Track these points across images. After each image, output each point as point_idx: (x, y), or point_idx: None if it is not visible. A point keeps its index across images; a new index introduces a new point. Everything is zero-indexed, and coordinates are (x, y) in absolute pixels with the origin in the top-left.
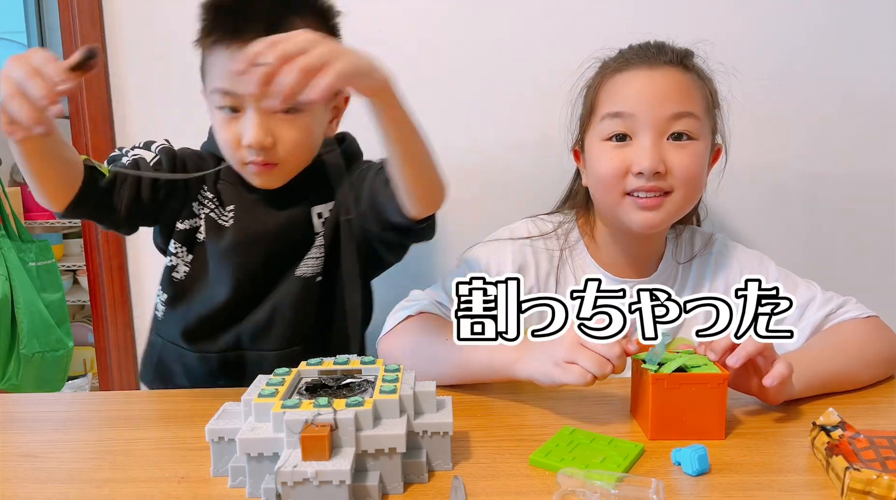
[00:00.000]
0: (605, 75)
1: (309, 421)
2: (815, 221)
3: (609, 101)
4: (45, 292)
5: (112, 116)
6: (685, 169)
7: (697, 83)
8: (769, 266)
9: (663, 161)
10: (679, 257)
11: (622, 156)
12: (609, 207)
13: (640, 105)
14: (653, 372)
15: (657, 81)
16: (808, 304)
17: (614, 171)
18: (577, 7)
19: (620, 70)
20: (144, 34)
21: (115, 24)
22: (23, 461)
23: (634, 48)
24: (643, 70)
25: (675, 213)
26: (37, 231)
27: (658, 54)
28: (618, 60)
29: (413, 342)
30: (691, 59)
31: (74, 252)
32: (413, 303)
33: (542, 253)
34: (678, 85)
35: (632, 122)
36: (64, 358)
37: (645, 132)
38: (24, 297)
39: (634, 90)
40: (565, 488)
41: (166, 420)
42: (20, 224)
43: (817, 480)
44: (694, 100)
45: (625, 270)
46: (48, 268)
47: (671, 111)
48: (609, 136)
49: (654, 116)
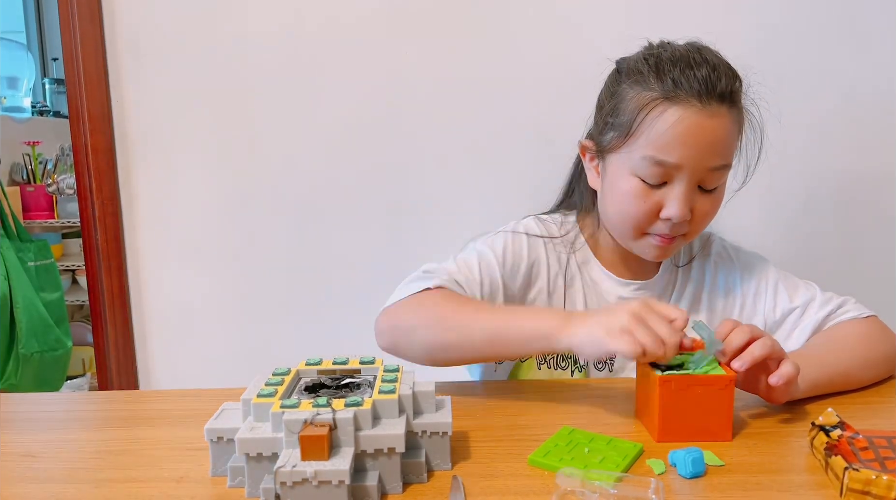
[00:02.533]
0: (651, 100)
1: (308, 421)
2: (814, 221)
3: (654, 142)
4: (44, 291)
5: (112, 116)
6: (703, 215)
7: (740, 121)
8: (768, 268)
9: (691, 209)
10: (677, 260)
11: (655, 199)
12: (624, 238)
13: (686, 156)
14: (659, 374)
15: (708, 130)
16: (808, 304)
17: (645, 213)
18: (579, 6)
19: (670, 101)
20: (144, 34)
21: (115, 24)
22: (21, 461)
23: (679, 66)
24: (695, 110)
25: (681, 246)
26: (36, 231)
27: (710, 86)
28: (662, 81)
29: (436, 313)
30: (740, 91)
31: (73, 252)
32: (430, 276)
33: (552, 253)
34: (725, 133)
35: (673, 170)
36: (63, 358)
37: (682, 180)
38: (22, 296)
39: (684, 139)
40: (564, 488)
41: (165, 420)
42: (19, 224)
43: (817, 480)
44: (733, 147)
45: (627, 272)
46: (47, 268)
47: (713, 164)
48: (645, 177)
49: (696, 167)
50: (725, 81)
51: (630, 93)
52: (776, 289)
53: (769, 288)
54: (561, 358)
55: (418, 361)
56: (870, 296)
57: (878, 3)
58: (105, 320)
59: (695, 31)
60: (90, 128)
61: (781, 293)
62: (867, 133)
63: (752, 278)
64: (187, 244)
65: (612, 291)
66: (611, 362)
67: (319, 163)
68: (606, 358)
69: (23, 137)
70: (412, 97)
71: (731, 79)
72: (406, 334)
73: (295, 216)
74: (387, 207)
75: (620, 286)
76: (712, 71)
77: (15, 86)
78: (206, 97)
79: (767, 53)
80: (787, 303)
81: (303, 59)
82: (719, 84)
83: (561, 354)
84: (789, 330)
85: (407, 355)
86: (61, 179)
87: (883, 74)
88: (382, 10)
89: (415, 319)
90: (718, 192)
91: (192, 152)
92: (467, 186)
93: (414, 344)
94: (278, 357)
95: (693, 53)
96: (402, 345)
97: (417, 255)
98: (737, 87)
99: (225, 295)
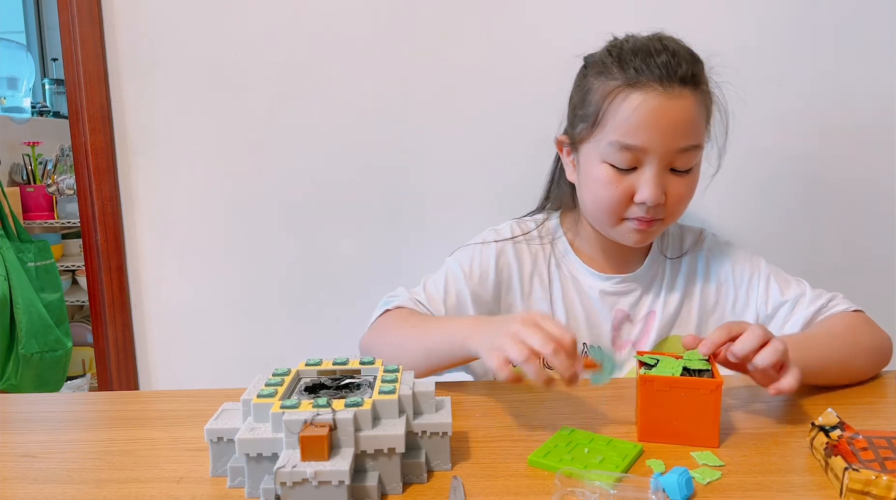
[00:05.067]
0: (614, 89)
1: (308, 421)
2: (813, 222)
3: (619, 127)
4: (44, 292)
5: (112, 116)
6: (679, 199)
7: (705, 103)
8: (760, 263)
9: (664, 192)
10: (666, 251)
11: (626, 184)
12: (604, 226)
13: (651, 139)
14: (642, 373)
15: (670, 112)
16: (799, 299)
17: (618, 198)
18: (577, 6)
19: (632, 87)
20: (144, 34)
21: (115, 24)
22: (21, 462)
23: (640, 55)
24: (656, 93)
25: (662, 230)
26: (36, 231)
27: (671, 70)
28: (625, 70)
29: (385, 335)
30: (703, 73)
31: (73, 252)
32: (393, 298)
33: (525, 254)
34: (689, 113)
35: (640, 154)
36: (63, 358)
37: (652, 164)
38: (22, 297)
39: (647, 121)
40: (564, 488)
41: (165, 420)
42: (19, 224)
43: (816, 480)
44: (700, 128)
45: (610, 266)
46: (47, 268)
47: (680, 145)
48: (614, 163)
49: (663, 149)
50: (686, 66)
51: (595, 84)
52: (768, 283)
53: (761, 282)
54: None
55: None
56: (869, 296)
57: (878, 3)
58: (105, 320)
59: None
60: (90, 128)
61: (773, 287)
62: (867, 134)
63: (745, 272)
64: (187, 244)
65: (594, 286)
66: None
67: (319, 163)
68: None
69: (23, 138)
70: (412, 97)
71: (691, 63)
72: (378, 355)
73: (295, 216)
74: (387, 208)
75: (602, 281)
76: (672, 56)
77: (15, 86)
78: (206, 97)
79: (767, 54)
80: (779, 297)
81: (303, 60)
82: (679, 69)
83: None
84: (780, 324)
85: None
86: (61, 180)
87: (883, 75)
88: (382, 10)
89: (373, 344)
90: (692, 174)
91: (192, 152)
92: (468, 186)
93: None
94: (278, 357)
95: (654, 42)
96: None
97: (417, 255)
98: (698, 69)
99: (225, 295)
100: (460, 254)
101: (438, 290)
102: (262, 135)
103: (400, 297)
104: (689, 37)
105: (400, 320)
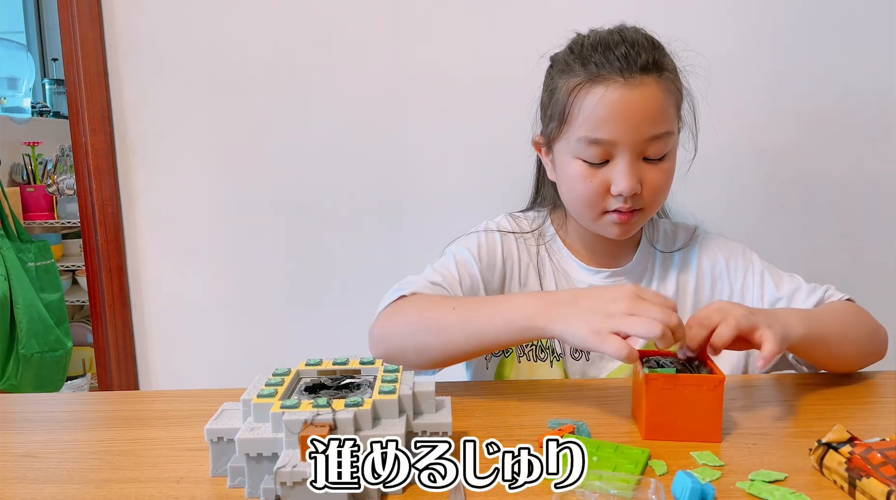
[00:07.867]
0: (577, 86)
1: (308, 421)
2: (813, 221)
3: (585, 123)
4: (44, 292)
5: (112, 117)
6: (657, 187)
7: (671, 89)
8: (754, 257)
9: (640, 181)
10: (657, 245)
11: (601, 178)
12: (585, 221)
13: (618, 130)
14: (646, 372)
15: (634, 102)
16: (794, 293)
17: (595, 192)
18: (577, 6)
19: (593, 82)
20: (144, 34)
21: (115, 25)
22: (21, 461)
23: (600, 49)
24: (618, 85)
25: (645, 221)
26: (36, 231)
27: (631, 60)
28: (586, 66)
29: (414, 318)
30: (665, 59)
31: (73, 252)
32: (405, 284)
33: (523, 247)
34: (654, 101)
35: (610, 147)
36: (63, 358)
37: (623, 155)
38: (23, 297)
39: (612, 114)
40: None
41: (165, 420)
42: (19, 224)
43: (817, 480)
44: (669, 114)
45: (600, 260)
46: (47, 268)
47: (649, 134)
48: (586, 158)
49: (632, 139)
50: (646, 54)
51: (560, 82)
52: (763, 278)
53: (756, 277)
54: (539, 350)
55: (415, 367)
56: (870, 296)
57: (878, 3)
58: (105, 320)
59: (695, 32)
60: (90, 128)
61: (768, 282)
62: (866, 133)
63: (739, 267)
64: (187, 244)
65: (584, 279)
66: (587, 353)
67: (319, 163)
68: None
69: (23, 138)
70: (412, 98)
71: (651, 50)
72: (395, 344)
73: (295, 216)
74: (387, 208)
75: (592, 275)
76: (631, 47)
77: (15, 86)
78: (206, 97)
79: (767, 54)
80: (774, 292)
81: (303, 60)
82: (640, 58)
83: (539, 345)
84: None
85: (402, 363)
86: (61, 180)
87: (882, 74)
88: (382, 10)
89: (397, 328)
90: (668, 161)
91: (192, 152)
92: (467, 186)
93: (406, 352)
94: (278, 357)
95: (613, 35)
96: (394, 355)
97: (417, 255)
98: (660, 56)
99: (225, 295)
100: (465, 240)
101: (452, 274)
102: (261, 135)
103: (414, 283)
104: (690, 36)
105: (429, 303)
